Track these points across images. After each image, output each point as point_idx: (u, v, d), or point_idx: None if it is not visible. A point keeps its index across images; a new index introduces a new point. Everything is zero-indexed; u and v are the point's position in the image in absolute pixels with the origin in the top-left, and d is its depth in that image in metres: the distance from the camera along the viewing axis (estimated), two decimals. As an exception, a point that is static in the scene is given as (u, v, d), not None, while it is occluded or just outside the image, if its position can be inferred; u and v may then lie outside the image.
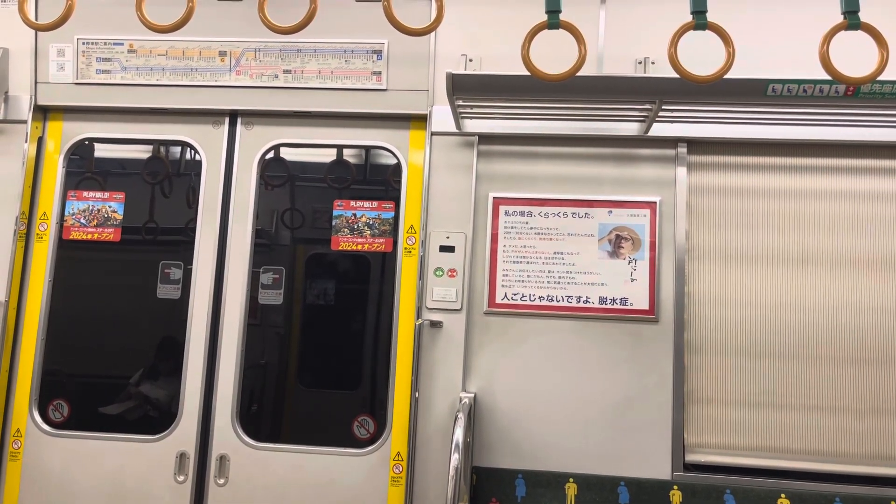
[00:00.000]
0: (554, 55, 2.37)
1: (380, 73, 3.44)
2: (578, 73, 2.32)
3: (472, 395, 3.22)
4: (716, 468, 3.14)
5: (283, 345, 3.63)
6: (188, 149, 3.65)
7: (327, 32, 3.41)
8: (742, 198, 3.31)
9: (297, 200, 3.67)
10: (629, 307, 3.25)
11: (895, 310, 3.19)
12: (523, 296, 3.30)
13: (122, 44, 3.56)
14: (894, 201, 3.25)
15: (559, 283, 3.30)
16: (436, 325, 3.29)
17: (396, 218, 3.48)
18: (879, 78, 2.25)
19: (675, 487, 3.11)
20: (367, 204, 3.53)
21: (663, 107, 2.99)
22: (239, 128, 3.60)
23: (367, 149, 3.62)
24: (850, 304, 3.21)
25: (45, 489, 3.41)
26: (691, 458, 3.16)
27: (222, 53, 3.51)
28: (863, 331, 3.19)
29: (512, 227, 3.35)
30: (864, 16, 2.16)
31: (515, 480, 3.17)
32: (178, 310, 3.51)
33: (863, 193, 3.26)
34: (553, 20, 2.29)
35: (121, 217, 3.63)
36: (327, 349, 3.57)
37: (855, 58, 2.24)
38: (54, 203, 3.61)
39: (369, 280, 3.56)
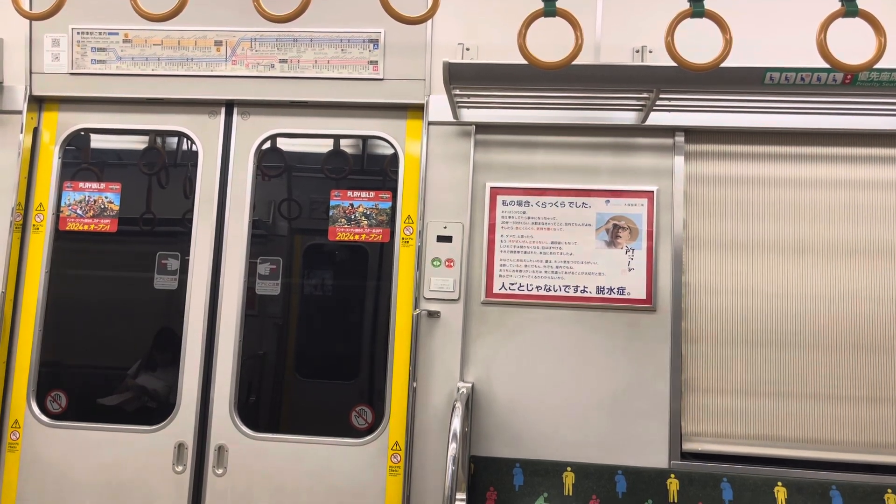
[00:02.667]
0: (552, 44, 2.37)
1: (376, 62, 3.43)
2: (575, 62, 2.32)
3: (470, 384, 3.22)
4: (713, 457, 3.15)
5: (280, 335, 3.63)
6: (184, 139, 3.64)
7: (323, 21, 3.40)
8: (740, 187, 3.31)
9: (293, 190, 3.66)
10: (627, 297, 3.25)
11: (892, 298, 3.19)
12: (521, 286, 3.30)
13: (116, 33, 3.54)
14: (892, 190, 3.25)
15: (556, 272, 3.30)
16: (433, 315, 3.29)
17: (394, 208, 3.48)
18: (877, 66, 2.25)
19: (673, 476, 3.12)
20: (364, 194, 3.52)
21: (661, 95, 2.98)
22: (235, 118, 3.59)
23: (364, 139, 3.60)
24: (847, 292, 3.21)
25: (44, 480, 3.41)
26: (688, 446, 3.17)
27: (218, 43, 3.49)
28: (860, 319, 3.19)
29: (509, 217, 3.35)
30: (861, 3, 2.16)
31: (513, 469, 3.18)
32: (176, 300, 3.51)
33: (861, 182, 3.26)
34: (549, 8, 2.29)
35: (117, 208, 3.62)
36: (325, 339, 3.57)
37: (853, 45, 2.24)
38: (50, 194, 3.59)
39: (367, 270, 3.56)
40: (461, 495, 2.93)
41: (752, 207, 3.29)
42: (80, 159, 3.70)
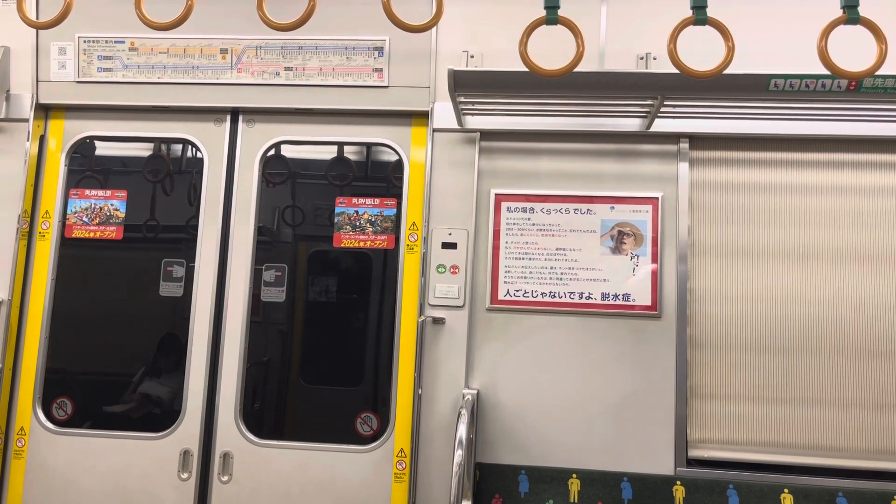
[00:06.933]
0: (558, 52, 2.37)
1: (381, 69, 3.44)
2: (579, 69, 2.32)
3: (475, 391, 3.22)
4: (719, 463, 3.14)
5: (285, 342, 3.63)
6: (190, 146, 3.65)
7: (328, 29, 3.41)
8: (744, 193, 3.30)
9: (298, 198, 3.67)
10: (631, 303, 3.25)
11: (898, 304, 3.19)
12: (525, 292, 3.30)
13: (123, 42, 3.56)
14: (897, 196, 3.25)
15: (561, 279, 3.30)
16: (438, 321, 3.29)
17: (398, 215, 3.48)
18: (881, 73, 2.25)
19: (679, 483, 3.11)
20: (369, 201, 3.53)
21: (665, 102, 2.99)
22: (240, 125, 3.60)
23: (369, 146, 3.61)
24: (852, 298, 3.20)
25: (50, 487, 3.42)
26: (694, 453, 3.16)
27: (223, 51, 3.51)
28: (865, 325, 3.18)
29: (514, 224, 3.35)
30: (863, 10, 2.16)
31: (519, 476, 3.18)
32: (181, 307, 3.51)
33: (865, 188, 3.25)
34: (552, 16, 2.29)
35: (123, 215, 3.63)
36: (330, 346, 3.57)
37: (858, 52, 2.24)
38: (56, 201, 3.61)
39: (371, 277, 3.56)
40: (467, 502, 2.92)
41: (756, 214, 3.28)
42: (86, 167, 3.72)
